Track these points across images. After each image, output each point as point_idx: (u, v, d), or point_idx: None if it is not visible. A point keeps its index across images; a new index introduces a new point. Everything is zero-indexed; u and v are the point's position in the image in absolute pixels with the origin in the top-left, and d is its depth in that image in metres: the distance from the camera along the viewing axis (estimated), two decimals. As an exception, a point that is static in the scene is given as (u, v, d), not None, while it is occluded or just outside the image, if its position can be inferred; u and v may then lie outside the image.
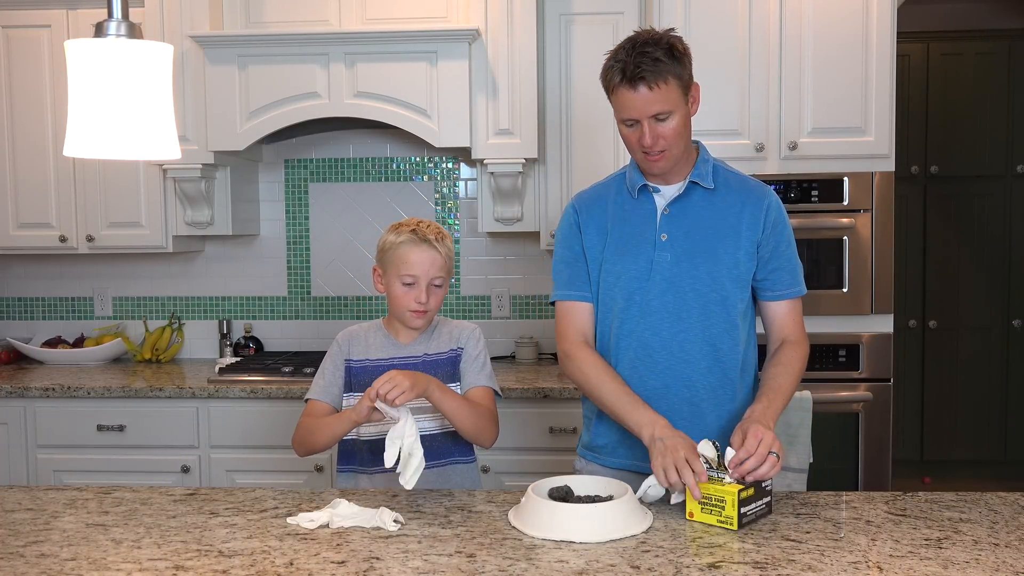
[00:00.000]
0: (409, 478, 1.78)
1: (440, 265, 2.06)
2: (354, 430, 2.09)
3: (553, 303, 2.05)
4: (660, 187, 1.96)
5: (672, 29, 1.87)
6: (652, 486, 1.74)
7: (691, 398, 1.93)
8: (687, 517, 1.67)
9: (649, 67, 1.79)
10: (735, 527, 1.60)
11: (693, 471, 1.66)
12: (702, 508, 1.65)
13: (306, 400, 2.11)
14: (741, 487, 1.62)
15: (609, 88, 1.88)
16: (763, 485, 1.67)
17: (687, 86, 1.87)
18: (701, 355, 1.92)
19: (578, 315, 2.00)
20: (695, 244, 1.92)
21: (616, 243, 1.96)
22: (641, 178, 1.96)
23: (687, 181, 1.94)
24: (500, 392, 2.14)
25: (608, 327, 1.97)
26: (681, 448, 1.70)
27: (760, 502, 1.67)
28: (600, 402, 1.93)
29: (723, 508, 1.62)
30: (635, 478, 1.89)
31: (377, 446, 2.06)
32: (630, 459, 1.96)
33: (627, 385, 1.90)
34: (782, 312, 1.99)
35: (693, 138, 1.96)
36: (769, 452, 1.67)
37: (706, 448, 1.70)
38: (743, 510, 1.62)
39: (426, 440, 2.05)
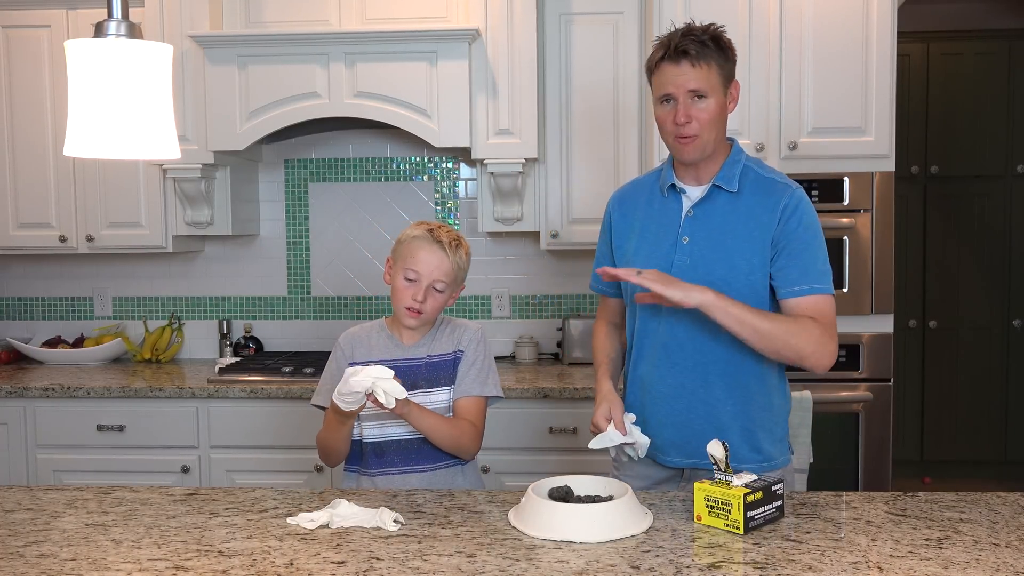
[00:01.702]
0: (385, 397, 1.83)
1: (446, 270, 2.04)
2: (356, 430, 2.09)
3: None
4: (688, 188, 1.97)
5: (723, 27, 1.90)
6: (607, 443, 1.95)
7: (707, 397, 1.95)
8: (695, 520, 1.66)
9: (694, 47, 1.84)
10: (741, 531, 1.59)
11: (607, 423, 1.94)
12: (709, 511, 1.64)
13: (318, 407, 2.11)
14: (747, 490, 1.60)
15: (652, 68, 1.91)
16: (773, 489, 1.66)
17: (728, 78, 1.90)
18: (716, 357, 1.94)
19: (606, 306, 2.21)
20: (714, 249, 1.92)
21: (641, 243, 1.99)
22: (672, 177, 1.98)
23: (711, 184, 1.94)
24: (502, 395, 2.14)
25: (632, 325, 2.04)
26: (596, 415, 1.96)
27: (770, 506, 1.65)
28: None
29: (729, 512, 1.61)
30: (691, 475, 1.98)
31: (379, 447, 2.06)
32: (684, 456, 1.98)
33: (609, 355, 2.12)
34: (798, 310, 1.89)
35: (728, 135, 1.97)
36: (657, 286, 1.79)
37: (715, 448, 1.68)
38: (750, 514, 1.60)
39: (427, 440, 2.05)
